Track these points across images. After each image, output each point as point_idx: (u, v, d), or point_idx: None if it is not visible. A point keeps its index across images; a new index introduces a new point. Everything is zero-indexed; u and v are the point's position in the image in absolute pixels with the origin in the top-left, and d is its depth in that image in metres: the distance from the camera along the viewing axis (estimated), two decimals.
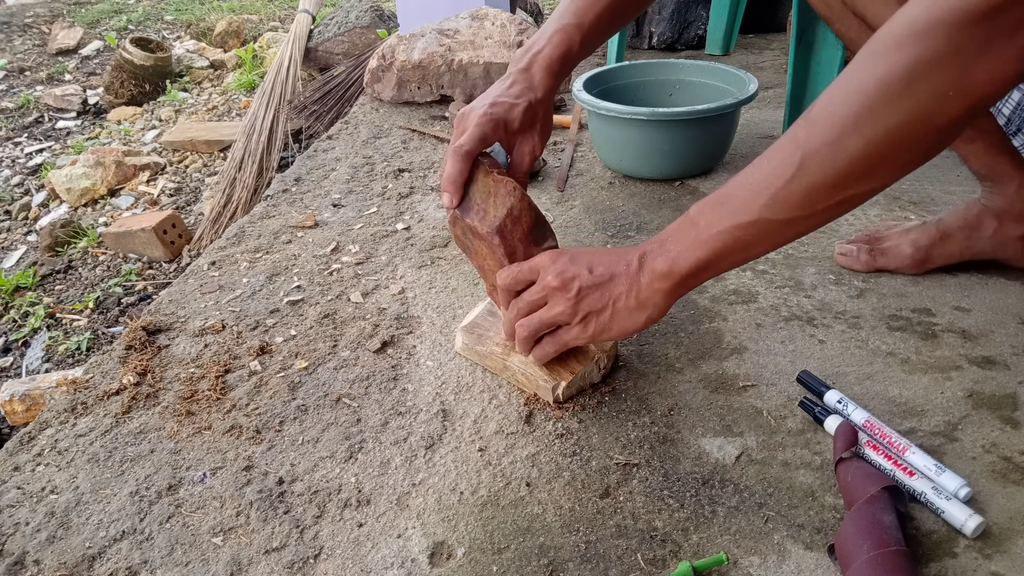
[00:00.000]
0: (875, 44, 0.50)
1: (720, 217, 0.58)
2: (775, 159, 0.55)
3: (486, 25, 1.69)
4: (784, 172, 0.54)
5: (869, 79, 0.50)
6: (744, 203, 0.57)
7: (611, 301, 0.65)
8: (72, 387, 0.85)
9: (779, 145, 0.56)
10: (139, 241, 1.78)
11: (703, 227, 0.59)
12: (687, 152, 1.19)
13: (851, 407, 0.71)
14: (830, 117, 0.52)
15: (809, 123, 0.53)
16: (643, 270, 0.63)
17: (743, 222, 0.57)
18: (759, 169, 0.57)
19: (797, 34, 1.17)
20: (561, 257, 0.67)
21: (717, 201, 0.59)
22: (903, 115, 0.50)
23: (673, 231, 0.63)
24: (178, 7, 4.06)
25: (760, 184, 0.56)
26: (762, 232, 0.58)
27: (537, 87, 0.76)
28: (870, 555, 0.54)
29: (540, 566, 0.60)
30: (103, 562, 0.63)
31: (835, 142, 0.52)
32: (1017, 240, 0.88)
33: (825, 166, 0.53)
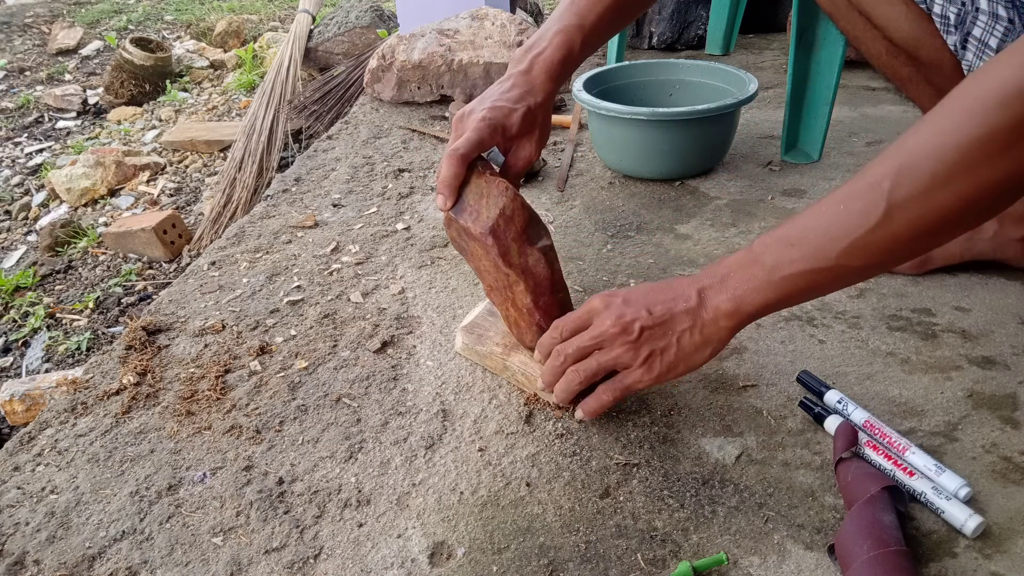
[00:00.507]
0: (969, 100, 0.49)
1: (793, 260, 0.56)
2: (855, 205, 0.53)
3: (486, 25, 1.69)
4: (866, 221, 0.52)
5: (966, 137, 0.48)
6: (820, 248, 0.55)
7: (675, 339, 0.62)
8: (72, 387, 0.85)
9: (859, 190, 0.54)
10: (139, 241, 1.78)
11: (772, 268, 0.57)
12: (687, 152, 1.19)
13: (851, 407, 0.71)
14: (921, 170, 0.50)
15: (896, 173, 0.51)
16: (704, 307, 0.61)
17: (818, 267, 0.56)
18: (837, 214, 0.55)
19: (797, 34, 1.17)
20: (614, 300, 0.65)
21: (787, 242, 0.57)
22: (1000, 173, 0.49)
23: (735, 267, 0.60)
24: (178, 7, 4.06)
25: (839, 231, 0.54)
26: (836, 277, 0.56)
27: (537, 91, 0.75)
28: (870, 555, 0.54)
29: (540, 566, 0.60)
30: (103, 562, 0.63)
31: (925, 196, 0.50)
32: (1017, 241, 0.88)
33: (912, 219, 0.51)
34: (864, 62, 1.73)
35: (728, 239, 1.05)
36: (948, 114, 0.50)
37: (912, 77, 0.84)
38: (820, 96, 1.22)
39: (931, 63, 0.78)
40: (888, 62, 0.85)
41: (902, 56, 0.82)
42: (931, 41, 0.76)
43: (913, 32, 0.78)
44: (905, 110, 1.50)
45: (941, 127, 0.50)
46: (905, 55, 0.81)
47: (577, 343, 0.66)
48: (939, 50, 0.76)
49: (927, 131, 0.51)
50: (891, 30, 0.80)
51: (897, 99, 1.57)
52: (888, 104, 1.54)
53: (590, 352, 0.66)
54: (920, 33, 0.77)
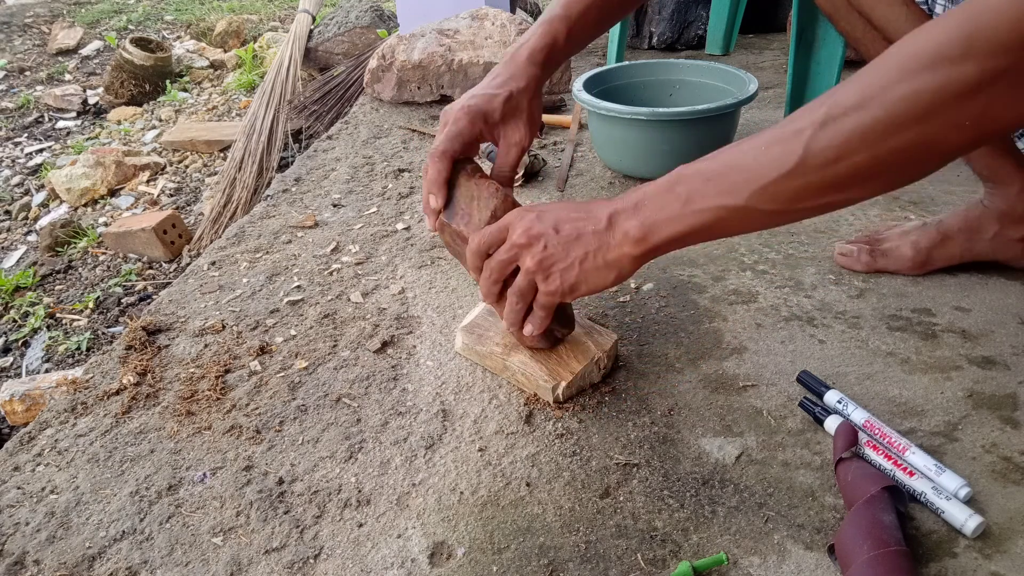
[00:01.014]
0: (901, 57, 0.49)
1: (706, 195, 0.57)
2: (774, 149, 0.54)
3: (486, 25, 1.69)
4: (782, 165, 0.53)
5: (890, 96, 0.48)
6: (734, 186, 0.55)
7: (577, 260, 0.63)
8: (72, 387, 0.85)
9: (780, 135, 0.54)
10: (139, 241, 1.78)
11: (686, 199, 0.58)
12: (687, 152, 1.19)
13: (851, 407, 0.71)
14: (840, 124, 0.50)
15: (817, 123, 0.51)
16: (613, 230, 0.62)
17: (729, 205, 0.56)
18: (755, 154, 0.55)
19: (797, 34, 1.17)
20: (528, 214, 0.66)
21: (705, 176, 0.58)
22: (916, 137, 0.48)
23: (650, 195, 0.61)
24: (178, 7, 4.06)
25: (754, 171, 0.54)
26: (745, 217, 0.57)
27: (519, 76, 0.75)
28: (870, 555, 0.54)
29: (540, 566, 0.60)
30: (103, 562, 0.63)
31: (840, 149, 0.51)
32: (1018, 242, 0.88)
33: (825, 170, 0.52)
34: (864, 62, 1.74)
35: (728, 239, 1.05)
36: (877, 71, 0.50)
37: None
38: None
39: None
40: None
41: None
42: None
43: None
44: None
45: (869, 82, 0.50)
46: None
47: (497, 257, 0.68)
48: None
49: (856, 85, 0.51)
50: (890, 31, 0.80)
51: None
52: None
53: (510, 265, 0.68)
54: None
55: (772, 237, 1.04)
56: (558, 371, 0.75)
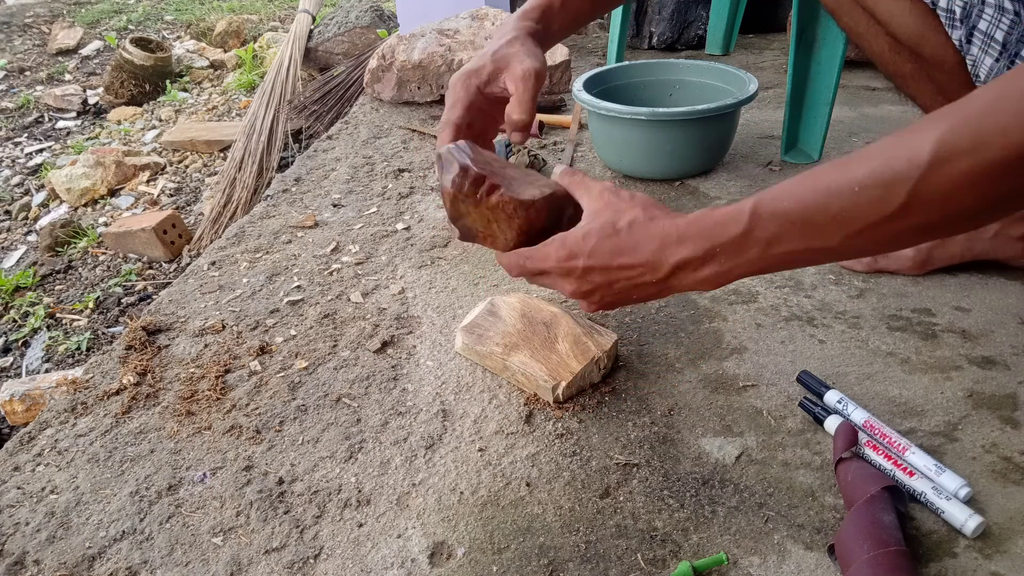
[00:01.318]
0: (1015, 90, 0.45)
1: (791, 239, 0.53)
2: (873, 192, 0.49)
3: (486, 25, 1.69)
4: (882, 210, 0.49)
5: (1008, 141, 0.45)
6: (825, 231, 0.51)
7: (628, 300, 0.61)
8: (72, 387, 0.85)
9: (880, 176, 0.49)
10: (139, 241, 1.78)
11: (768, 243, 0.53)
12: (687, 152, 1.19)
13: (851, 407, 0.71)
14: (952, 168, 0.46)
15: (925, 168, 0.47)
16: (677, 278, 0.57)
17: (819, 247, 0.52)
18: (849, 195, 0.50)
19: (797, 34, 1.17)
20: (574, 265, 0.60)
21: (786, 218, 0.52)
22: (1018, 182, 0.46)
23: (723, 241, 0.55)
24: (178, 7, 4.06)
25: (850, 216, 0.50)
26: (834, 255, 0.54)
27: (507, 32, 0.73)
28: (870, 555, 0.54)
29: (540, 566, 0.59)
30: (103, 562, 0.63)
31: (949, 194, 0.47)
32: (1018, 241, 0.88)
33: (929, 214, 0.48)
34: (864, 62, 1.74)
35: None
36: (991, 106, 0.46)
37: (914, 74, 0.84)
38: (820, 96, 1.22)
39: (934, 60, 0.78)
40: (890, 59, 0.85)
41: (904, 52, 0.82)
42: (934, 37, 0.76)
43: (916, 28, 0.77)
44: (904, 110, 1.50)
45: (984, 123, 0.47)
46: (908, 51, 0.81)
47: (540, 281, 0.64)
48: (942, 46, 0.76)
49: (967, 121, 0.47)
50: (894, 26, 0.80)
51: (897, 99, 1.56)
52: (888, 104, 1.54)
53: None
54: (923, 29, 0.77)
55: None
56: (558, 371, 0.75)
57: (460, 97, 0.71)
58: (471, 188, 0.62)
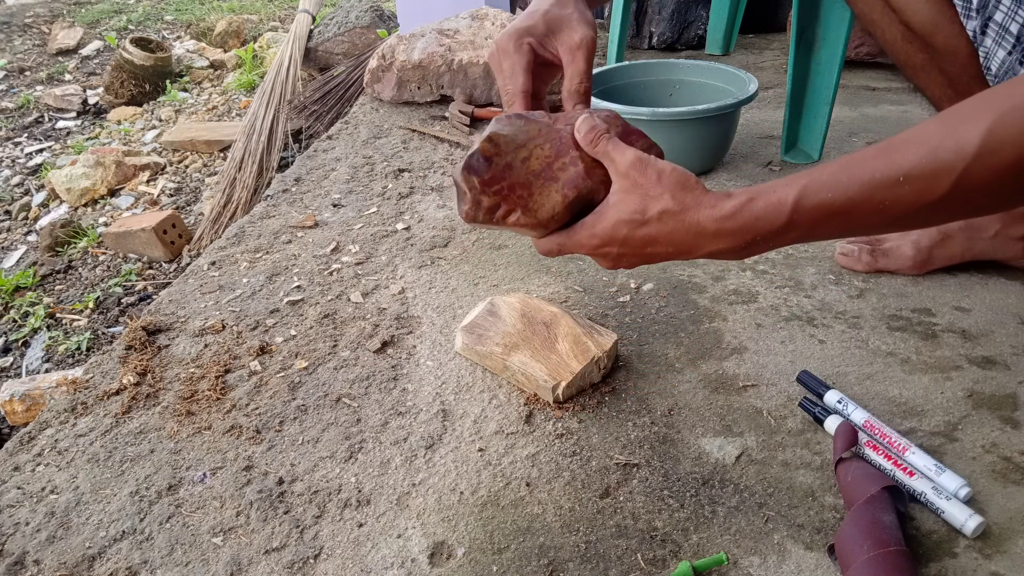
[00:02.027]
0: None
1: (831, 229, 0.54)
2: (917, 184, 0.49)
3: (486, 25, 1.69)
4: (925, 199, 0.49)
5: None
6: (868, 220, 0.52)
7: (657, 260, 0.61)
8: (72, 387, 0.85)
9: (926, 167, 0.49)
10: (139, 241, 1.78)
11: (808, 231, 0.54)
12: (687, 152, 1.19)
13: (851, 407, 0.71)
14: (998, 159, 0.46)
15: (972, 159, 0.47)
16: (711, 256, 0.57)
17: (858, 230, 0.54)
18: (890, 187, 0.50)
19: (797, 34, 1.17)
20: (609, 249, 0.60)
21: (826, 211, 0.52)
22: None
23: (764, 233, 0.55)
24: (178, 7, 4.06)
25: (892, 207, 0.51)
26: (866, 234, 0.55)
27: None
28: (870, 555, 0.54)
29: (540, 566, 0.59)
30: (103, 562, 0.63)
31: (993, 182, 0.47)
32: (1018, 241, 0.88)
33: (971, 200, 0.49)
34: (864, 62, 1.74)
35: None
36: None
37: (925, 64, 0.83)
38: (820, 96, 1.22)
39: (946, 50, 0.78)
40: (903, 48, 0.85)
41: (917, 42, 0.81)
42: (948, 27, 0.76)
43: (931, 17, 0.77)
44: (905, 110, 1.50)
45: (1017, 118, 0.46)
46: (920, 41, 0.80)
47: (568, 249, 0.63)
48: (956, 36, 0.76)
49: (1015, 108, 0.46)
50: (908, 14, 0.80)
51: (897, 99, 1.57)
52: (888, 104, 1.54)
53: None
54: (938, 18, 0.77)
55: None
56: (558, 371, 0.75)
57: (518, 61, 0.66)
58: (486, 216, 0.61)
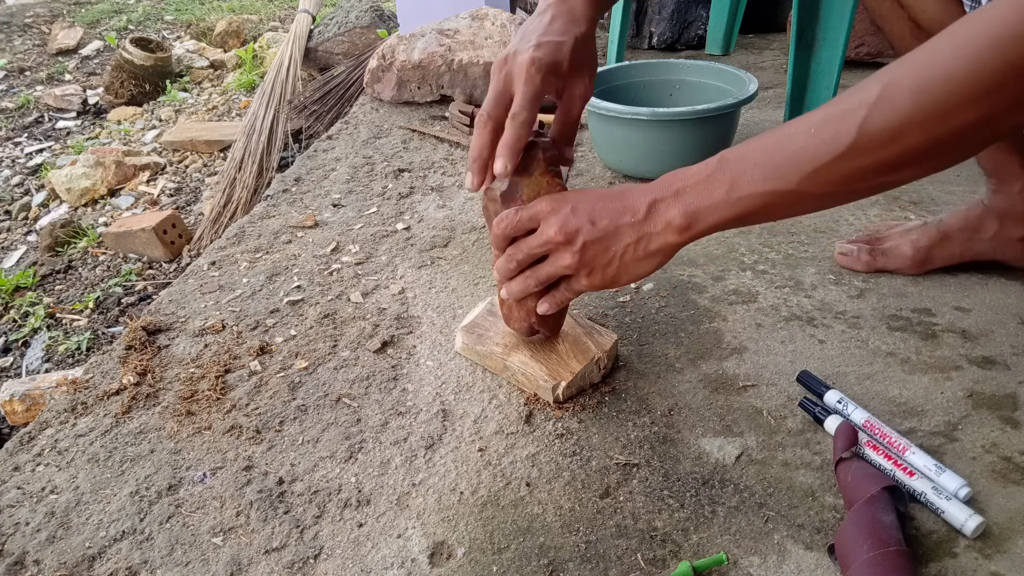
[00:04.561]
0: (962, 38, 0.47)
1: (753, 180, 0.55)
2: (825, 131, 0.52)
3: (486, 25, 1.69)
4: (834, 148, 0.51)
5: (951, 76, 0.47)
6: (783, 171, 0.54)
7: (617, 254, 0.62)
8: (72, 387, 0.85)
9: (830, 115, 0.52)
10: (139, 241, 1.78)
11: (731, 186, 0.56)
12: (687, 152, 1.19)
13: (851, 407, 0.71)
14: (898, 106, 0.49)
15: (873, 104, 0.50)
16: (653, 219, 0.60)
17: (780, 190, 0.54)
18: (804, 137, 0.53)
19: (797, 34, 1.17)
20: (562, 207, 0.63)
21: (751, 161, 0.56)
22: (975, 117, 0.47)
23: (692, 182, 0.59)
24: (178, 7, 4.06)
25: (804, 154, 0.53)
26: (795, 201, 0.55)
27: (580, 19, 0.68)
28: (870, 555, 0.54)
29: (540, 566, 0.59)
30: (103, 562, 0.63)
31: (896, 130, 0.49)
32: (1018, 242, 0.88)
33: (879, 152, 0.50)
34: (864, 62, 1.74)
35: (728, 239, 1.05)
36: (937, 50, 0.48)
37: None
38: (820, 96, 1.22)
39: None
40: (910, 45, 0.84)
41: (925, 38, 0.81)
42: None
43: (939, 14, 0.77)
44: None
45: (927, 62, 0.48)
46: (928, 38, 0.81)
47: (526, 249, 0.66)
48: None
49: (912, 64, 0.49)
50: (917, 11, 0.79)
51: None
52: None
53: (538, 258, 0.66)
54: (946, 16, 0.76)
55: (772, 237, 1.04)
56: (558, 371, 0.75)
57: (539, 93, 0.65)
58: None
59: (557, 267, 0.65)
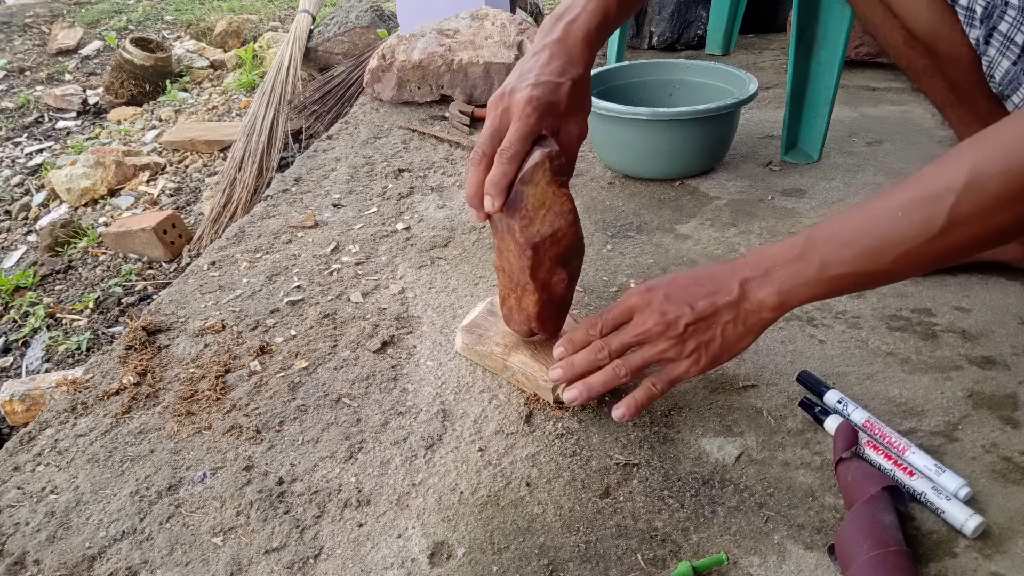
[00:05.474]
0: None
1: (843, 261, 0.57)
2: (915, 215, 0.54)
3: (486, 25, 1.69)
4: (925, 233, 0.53)
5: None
6: (874, 253, 0.56)
7: (719, 332, 0.63)
8: (72, 387, 0.85)
9: (920, 200, 0.54)
10: (139, 241, 1.78)
11: (821, 266, 0.58)
12: (687, 152, 1.19)
13: (851, 407, 0.71)
14: (987, 190, 0.51)
15: (963, 188, 0.52)
16: (747, 299, 0.61)
17: (869, 270, 0.57)
18: (894, 221, 0.55)
19: (797, 34, 1.17)
20: (655, 297, 0.64)
21: (839, 242, 0.57)
22: None
23: (780, 261, 0.60)
24: (178, 7, 4.06)
25: (895, 238, 0.55)
26: (884, 277, 0.58)
27: (577, 61, 0.69)
28: (870, 555, 0.54)
29: (540, 566, 0.59)
30: (103, 562, 0.63)
31: (987, 214, 0.52)
32: (1018, 244, 0.88)
33: (968, 234, 0.53)
34: (864, 62, 1.74)
35: (728, 239, 1.05)
36: (1012, 128, 0.50)
37: (927, 69, 0.83)
38: (820, 96, 1.21)
39: (948, 57, 0.77)
40: (904, 52, 0.84)
41: (919, 48, 0.81)
42: (950, 35, 0.76)
43: (932, 24, 0.77)
44: (905, 110, 1.50)
45: (1013, 147, 0.50)
46: (922, 47, 0.80)
47: (620, 340, 0.66)
48: (957, 44, 0.75)
49: (998, 147, 0.51)
50: (910, 20, 0.79)
51: (897, 99, 1.57)
52: (888, 104, 1.54)
53: (630, 347, 0.66)
54: (939, 26, 0.76)
55: (772, 237, 1.04)
56: None
57: (534, 131, 0.66)
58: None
59: (653, 353, 0.64)
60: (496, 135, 0.67)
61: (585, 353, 0.68)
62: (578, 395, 0.68)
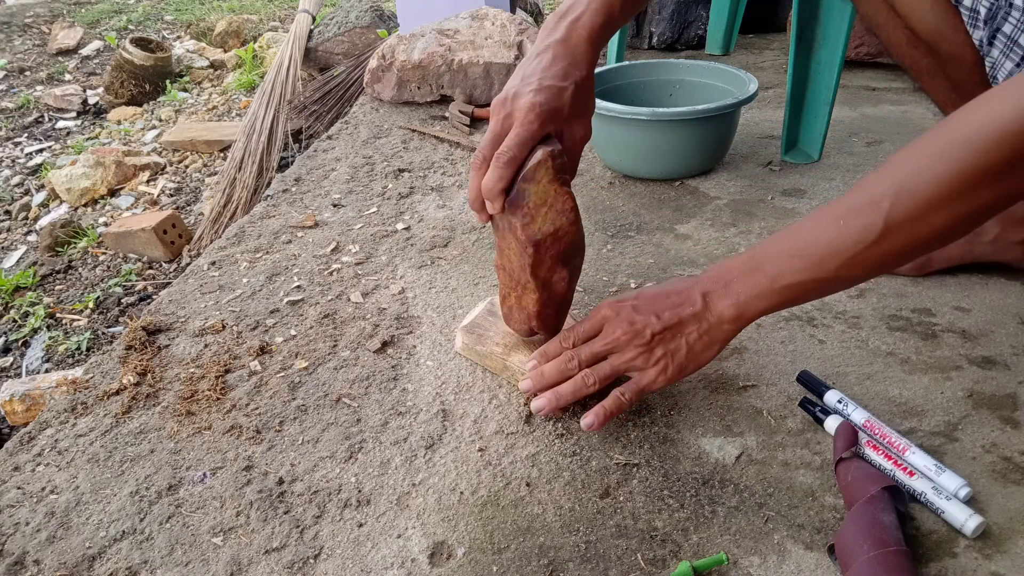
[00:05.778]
0: (969, 130, 0.51)
1: (794, 270, 0.60)
2: (855, 222, 0.56)
3: (486, 25, 1.69)
4: (865, 238, 0.56)
5: (964, 167, 0.51)
6: (821, 261, 0.58)
7: (684, 341, 0.65)
8: (72, 387, 0.85)
9: (858, 207, 0.56)
10: (139, 241, 1.78)
11: (774, 277, 0.60)
12: (687, 152, 1.19)
13: (851, 407, 0.71)
14: (919, 194, 0.53)
15: (895, 194, 0.54)
16: (709, 310, 0.64)
17: (818, 278, 0.59)
18: (837, 230, 0.57)
19: (797, 34, 1.17)
20: (623, 308, 0.67)
21: (789, 253, 0.60)
22: (993, 197, 0.52)
23: (737, 274, 0.63)
24: (178, 7, 4.06)
25: (839, 246, 0.57)
26: (832, 285, 0.60)
27: (581, 63, 0.68)
28: (870, 555, 0.54)
29: (540, 566, 0.60)
30: (103, 562, 0.63)
31: (921, 218, 0.54)
32: (1018, 245, 0.88)
33: (906, 238, 0.55)
34: (864, 62, 1.74)
35: (728, 239, 1.05)
36: (948, 142, 0.52)
37: (930, 69, 0.83)
38: (820, 96, 1.22)
39: (951, 57, 0.78)
40: (908, 51, 0.84)
41: (922, 47, 0.81)
42: (953, 35, 0.76)
43: (936, 24, 0.77)
44: (905, 110, 1.50)
45: (941, 154, 0.53)
46: (925, 47, 0.80)
47: (590, 349, 0.68)
48: (961, 45, 0.75)
49: (927, 155, 0.53)
50: (913, 20, 0.79)
51: (897, 99, 1.57)
52: (888, 104, 1.54)
53: (602, 357, 0.68)
54: (943, 26, 0.76)
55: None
56: None
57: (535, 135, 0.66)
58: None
59: (621, 362, 0.67)
60: (497, 140, 0.67)
61: (555, 363, 0.69)
62: (546, 403, 0.69)
